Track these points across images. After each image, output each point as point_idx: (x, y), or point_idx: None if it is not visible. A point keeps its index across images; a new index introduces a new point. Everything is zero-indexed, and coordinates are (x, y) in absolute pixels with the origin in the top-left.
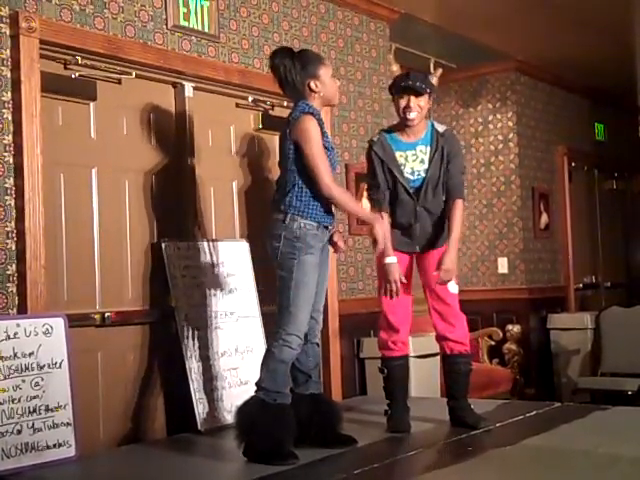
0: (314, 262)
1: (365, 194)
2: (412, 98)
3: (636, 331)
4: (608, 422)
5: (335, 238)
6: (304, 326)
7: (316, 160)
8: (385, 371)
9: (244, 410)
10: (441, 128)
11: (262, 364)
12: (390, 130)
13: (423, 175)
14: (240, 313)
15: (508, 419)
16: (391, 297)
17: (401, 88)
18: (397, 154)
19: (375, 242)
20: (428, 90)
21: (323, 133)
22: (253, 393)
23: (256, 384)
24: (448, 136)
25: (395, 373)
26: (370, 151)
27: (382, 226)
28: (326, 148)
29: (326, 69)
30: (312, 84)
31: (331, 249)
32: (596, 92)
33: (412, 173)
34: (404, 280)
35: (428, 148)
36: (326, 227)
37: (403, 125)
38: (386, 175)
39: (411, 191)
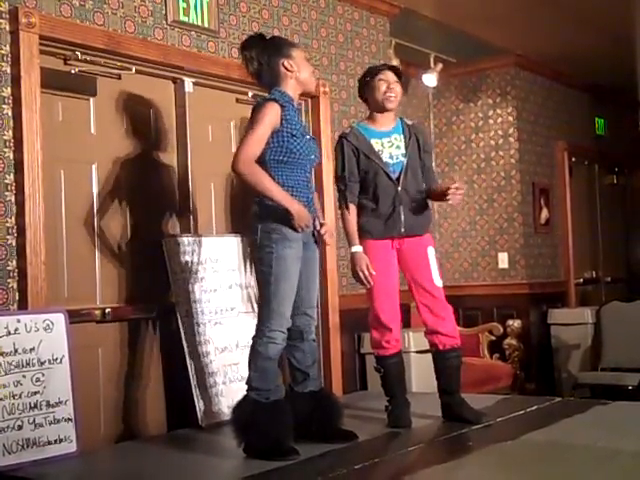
0: (294, 255)
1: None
2: (393, 81)
3: (636, 326)
4: (608, 417)
5: (322, 231)
6: (287, 320)
7: (245, 141)
8: (381, 370)
9: (239, 412)
10: (409, 121)
11: (249, 363)
12: (360, 123)
13: (402, 159)
14: (240, 308)
15: (508, 414)
16: (364, 284)
17: (383, 68)
18: (372, 141)
19: (300, 228)
20: (402, 80)
21: (287, 120)
22: (245, 392)
23: (246, 383)
24: (419, 128)
25: (391, 371)
26: (342, 142)
27: (300, 208)
28: (293, 136)
29: (299, 51)
30: (286, 63)
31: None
32: (596, 87)
33: (391, 157)
34: (373, 271)
35: (402, 136)
36: None
37: (377, 113)
38: (359, 165)
39: (393, 175)
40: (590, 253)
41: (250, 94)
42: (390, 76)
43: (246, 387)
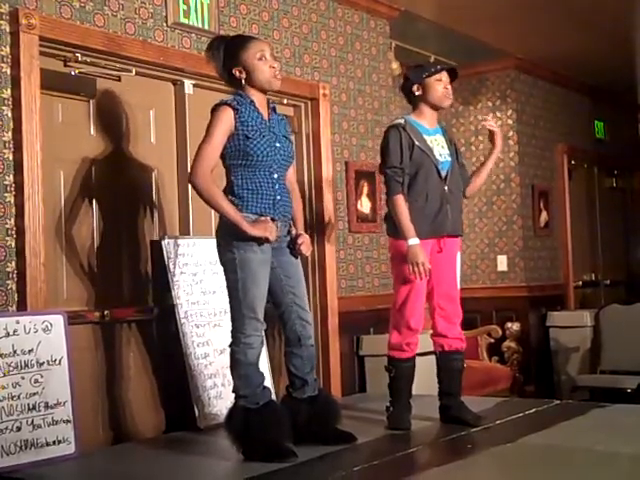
0: (258, 259)
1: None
2: (448, 82)
3: (635, 329)
4: (607, 420)
5: (299, 241)
6: (262, 323)
7: (200, 148)
8: (393, 371)
9: (232, 422)
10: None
11: (232, 372)
12: (409, 116)
13: (448, 159)
14: None
15: (507, 417)
16: (421, 279)
17: (442, 69)
18: (424, 137)
19: (263, 240)
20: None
21: (242, 122)
22: (234, 401)
23: (233, 392)
24: (448, 131)
25: (404, 374)
26: (400, 133)
27: (256, 229)
28: (248, 138)
29: (251, 52)
30: (235, 72)
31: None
32: (596, 90)
33: (440, 156)
34: (427, 264)
35: (442, 137)
36: (272, 220)
37: (429, 110)
38: (411, 159)
39: (443, 174)
40: (589, 256)
41: None
42: (446, 77)
43: (234, 395)
